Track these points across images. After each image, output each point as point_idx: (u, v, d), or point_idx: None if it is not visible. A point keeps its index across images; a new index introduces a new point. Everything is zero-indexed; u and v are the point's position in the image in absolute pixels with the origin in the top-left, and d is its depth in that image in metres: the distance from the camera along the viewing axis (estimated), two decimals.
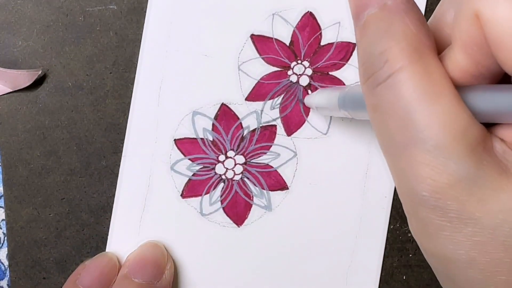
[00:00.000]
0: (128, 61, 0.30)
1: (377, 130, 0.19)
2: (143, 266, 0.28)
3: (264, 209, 0.30)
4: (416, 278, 0.31)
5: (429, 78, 0.17)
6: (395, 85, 0.17)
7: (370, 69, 0.18)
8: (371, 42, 0.18)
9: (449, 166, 0.17)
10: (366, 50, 0.19)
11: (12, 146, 0.30)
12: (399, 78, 0.17)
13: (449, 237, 0.17)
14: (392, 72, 0.17)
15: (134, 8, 0.30)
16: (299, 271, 0.30)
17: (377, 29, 0.18)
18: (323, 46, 0.30)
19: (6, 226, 0.30)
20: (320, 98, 0.28)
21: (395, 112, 0.17)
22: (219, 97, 0.30)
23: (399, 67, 0.17)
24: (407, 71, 0.17)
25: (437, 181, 0.17)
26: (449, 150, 0.16)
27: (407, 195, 0.18)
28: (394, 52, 0.17)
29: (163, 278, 0.28)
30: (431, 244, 0.18)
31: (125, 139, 0.30)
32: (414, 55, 0.17)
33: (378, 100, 0.18)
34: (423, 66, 0.17)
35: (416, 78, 0.17)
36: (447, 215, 0.17)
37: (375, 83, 0.18)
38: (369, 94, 0.19)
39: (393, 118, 0.18)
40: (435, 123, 0.17)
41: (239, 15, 0.30)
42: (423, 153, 0.17)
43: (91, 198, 0.30)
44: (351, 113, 0.24)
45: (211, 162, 0.30)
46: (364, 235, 0.30)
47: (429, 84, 0.17)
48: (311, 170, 0.30)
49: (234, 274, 0.30)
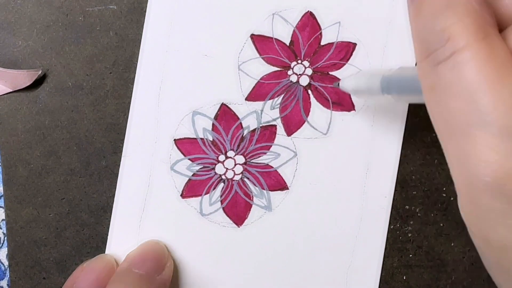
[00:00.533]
0: (128, 61, 0.30)
1: (434, 111, 0.18)
2: (144, 258, 0.28)
3: (264, 209, 0.30)
4: (416, 278, 0.31)
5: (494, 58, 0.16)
6: (459, 64, 0.17)
7: (430, 46, 0.18)
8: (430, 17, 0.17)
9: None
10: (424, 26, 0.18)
11: (12, 146, 0.30)
12: (463, 57, 0.16)
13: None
14: (455, 50, 0.17)
15: (134, 8, 0.30)
16: (299, 271, 0.30)
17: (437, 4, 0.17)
18: (323, 46, 0.30)
19: (6, 226, 0.30)
20: (358, 81, 0.27)
21: (458, 92, 0.17)
22: (219, 97, 0.30)
23: (463, 46, 0.17)
24: (472, 50, 0.16)
25: (503, 166, 0.16)
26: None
27: (466, 179, 0.17)
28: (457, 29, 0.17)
29: (163, 273, 0.28)
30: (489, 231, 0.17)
31: (125, 139, 0.30)
32: (478, 33, 0.17)
33: (438, 79, 0.17)
34: (488, 45, 0.16)
35: (481, 58, 0.16)
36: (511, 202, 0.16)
37: (436, 61, 0.17)
38: (428, 73, 0.18)
39: (455, 98, 0.17)
40: (502, 105, 0.16)
41: (239, 15, 0.30)
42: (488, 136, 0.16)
43: (91, 198, 0.30)
44: (396, 96, 0.23)
45: (211, 162, 0.30)
46: (364, 235, 0.30)
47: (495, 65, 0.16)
48: (311, 170, 0.30)
49: (234, 274, 0.30)
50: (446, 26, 0.17)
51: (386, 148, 0.30)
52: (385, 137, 0.30)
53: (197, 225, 0.30)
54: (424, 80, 0.18)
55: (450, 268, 0.31)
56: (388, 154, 0.30)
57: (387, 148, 0.30)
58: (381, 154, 0.30)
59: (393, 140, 0.30)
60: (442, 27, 0.17)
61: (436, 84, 0.18)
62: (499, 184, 0.16)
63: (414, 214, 0.30)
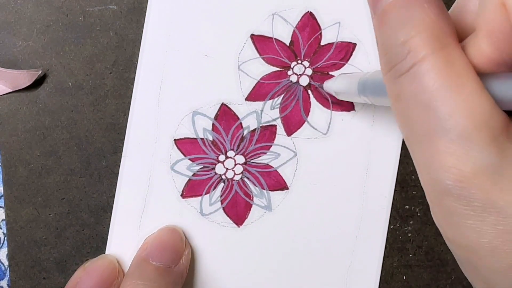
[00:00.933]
0: (128, 61, 0.30)
1: (400, 120, 0.19)
2: (162, 249, 0.28)
3: (264, 209, 0.30)
4: (416, 278, 0.31)
5: (451, 67, 0.17)
6: (418, 75, 0.17)
7: (393, 59, 0.18)
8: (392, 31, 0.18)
9: (472, 155, 0.17)
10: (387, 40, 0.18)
11: (12, 146, 0.30)
12: (422, 68, 0.17)
13: (473, 226, 0.17)
14: (415, 62, 0.17)
15: (134, 8, 0.30)
16: (299, 271, 0.30)
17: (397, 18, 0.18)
18: (323, 46, 0.30)
19: (6, 226, 0.30)
20: (339, 83, 0.28)
21: (418, 102, 0.17)
22: (219, 97, 0.30)
23: (422, 57, 0.17)
24: (430, 60, 0.17)
25: (461, 170, 0.17)
26: (472, 139, 0.16)
27: (431, 185, 0.18)
28: (416, 41, 0.17)
29: (181, 263, 0.28)
30: (455, 233, 0.18)
31: (125, 139, 0.30)
32: (436, 44, 0.17)
33: (401, 90, 0.18)
34: (445, 55, 0.17)
35: (439, 68, 0.17)
36: (471, 204, 0.17)
37: (398, 73, 0.18)
38: (392, 84, 0.19)
39: (416, 108, 0.18)
40: (458, 112, 0.17)
41: (239, 15, 0.30)
42: (446, 142, 0.17)
43: (91, 198, 0.30)
44: (371, 98, 0.24)
45: (211, 162, 0.30)
46: (364, 235, 0.30)
47: (452, 74, 0.17)
48: (311, 170, 0.30)
49: (234, 274, 0.30)
50: (406, 39, 0.18)
51: (386, 148, 0.30)
52: (385, 137, 0.30)
53: (197, 225, 0.30)
54: (389, 91, 0.19)
55: (450, 268, 0.31)
56: (388, 154, 0.30)
57: (387, 148, 0.30)
58: (381, 154, 0.30)
59: (393, 140, 0.30)
60: (402, 40, 0.18)
61: (400, 95, 0.18)
62: (459, 187, 0.17)
63: (414, 214, 0.30)
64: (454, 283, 0.31)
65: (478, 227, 0.17)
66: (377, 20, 0.19)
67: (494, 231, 0.17)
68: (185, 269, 0.29)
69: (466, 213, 0.17)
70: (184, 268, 0.29)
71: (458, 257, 0.19)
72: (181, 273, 0.28)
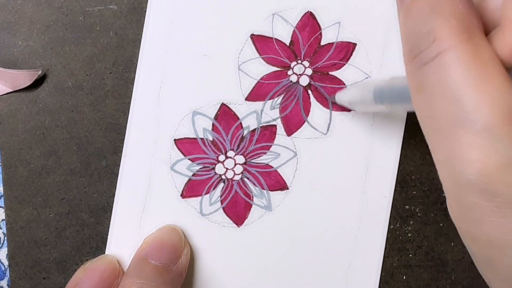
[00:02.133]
0: (128, 61, 0.30)
1: (421, 111, 0.19)
2: (161, 249, 0.28)
3: (264, 209, 0.30)
4: (416, 278, 0.31)
5: (478, 58, 0.17)
6: (444, 64, 0.17)
7: (417, 47, 0.18)
8: (418, 20, 0.18)
9: (498, 148, 0.16)
10: (412, 28, 0.18)
11: (12, 146, 0.30)
12: (448, 58, 0.17)
13: (495, 222, 0.17)
14: (441, 51, 0.17)
15: (134, 8, 0.30)
16: (299, 271, 0.30)
17: (425, 7, 0.18)
18: (323, 46, 0.30)
19: (6, 226, 0.30)
20: (353, 93, 0.28)
21: (443, 92, 0.17)
22: (219, 97, 0.30)
23: (448, 46, 0.17)
24: (456, 50, 0.17)
25: (485, 164, 0.16)
26: (499, 132, 0.16)
27: (452, 179, 0.18)
28: (443, 30, 0.17)
29: (180, 262, 0.28)
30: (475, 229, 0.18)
31: (125, 139, 0.30)
32: (463, 35, 0.17)
33: (424, 79, 0.18)
34: (472, 46, 0.17)
35: (466, 58, 0.17)
36: (494, 200, 0.17)
37: (422, 62, 0.18)
38: (415, 74, 0.18)
39: (440, 98, 0.17)
40: (484, 104, 0.16)
41: (239, 15, 0.30)
42: (471, 135, 0.16)
43: (91, 198, 0.30)
44: (388, 106, 0.24)
45: (211, 162, 0.30)
46: (364, 235, 0.30)
47: (479, 65, 0.17)
48: (311, 170, 0.30)
49: (234, 274, 0.30)
50: (432, 28, 0.17)
51: (386, 148, 0.30)
52: (385, 137, 0.30)
53: (197, 225, 0.30)
54: (411, 81, 0.19)
55: (450, 268, 0.31)
56: (388, 154, 0.30)
57: (387, 148, 0.30)
58: (381, 154, 0.30)
59: (393, 140, 0.30)
60: (428, 29, 0.18)
61: (423, 85, 0.18)
62: (482, 182, 0.17)
63: (414, 214, 0.30)
64: (454, 283, 0.31)
65: (501, 224, 0.17)
66: (404, 10, 0.19)
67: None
68: (184, 268, 0.29)
69: (489, 208, 0.17)
70: (183, 268, 0.29)
71: (474, 254, 0.19)
72: (180, 272, 0.28)
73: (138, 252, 0.29)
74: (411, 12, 0.18)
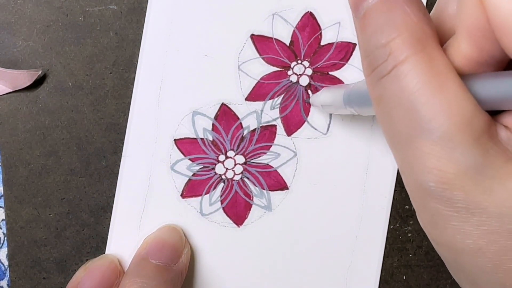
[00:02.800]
0: (128, 61, 0.30)
1: (383, 123, 0.19)
2: (161, 248, 0.28)
3: (264, 209, 0.30)
4: (416, 278, 0.31)
5: (433, 68, 0.17)
6: (399, 76, 0.17)
7: (374, 61, 0.18)
8: (373, 34, 0.18)
9: (455, 156, 0.16)
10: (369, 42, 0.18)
11: (12, 146, 0.30)
12: (403, 69, 0.17)
13: (457, 227, 0.17)
14: (396, 64, 0.17)
15: (134, 8, 0.30)
16: (299, 271, 0.30)
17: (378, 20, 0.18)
18: (323, 46, 0.30)
19: (6, 226, 0.30)
20: (325, 96, 0.28)
21: (400, 103, 0.17)
22: (219, 97, 0.30)
23: (403, 59, 0.17)
24: (411, 62, 0.17)
25: (443, 171, 0.17)
26: (454, 140, 0.16)
27: (415, 187, 0.18)
28: (397, 43, 0.17)
29: (180, 262, 0.28)
30: (440, 235, 0.18)
31: (125, 139, 0.30)
32: (417, 46, 0.17)
33: (383, 92, 0.18)
34: (426, 56, 0.17)
35: (420, 69, 0.17)
36: (454, 206, 0.17)
37: (380, 75, 0.18)
38: (374, 87, 0.19)
39: (398, 109, 0.18)
40: (440, 113, 0.17)
41: (239, 15, 0.30)
42: (429, 144, 0.17)
43: (91, 198, 0.30)
44: (357, 109, 0.24)
45: (211, 162, 0.30)
46: (364, 235, 0.30)
47: (433, 74, 0.17)
48: (311, 170, 0.30)
49: (234, 274, 0.30)
50: (387, 41, 0.18)
51: (386, 148, 0.30)
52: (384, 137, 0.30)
53: (197, 225, 0.30)
54: (371, 94, 0.19)
55: None
56: (388, 154, 0.30)
57: (387, 148, 0.30)
58: (381, 154, 0.30)
59: None
60: (384, 42, 0.18)
61: (382, 97, 0.18)
62: (441, 189, 0.17)
63: (414, 214, 0.30)
64: (454, 283, 0.31)
65: (462, 228, 0.17)
66: (358, 23, 0.19)
67: (478, 232, 0.17)
68: (184, 267, 0.29)
69: (449, 214, 0.17)
70: (183, 267, 0.29)
71: (445, 259, 0.19)
72: (180, 271, 0.28)
73: (139, 252, 0.29)
74: (365, 25, 0.19)
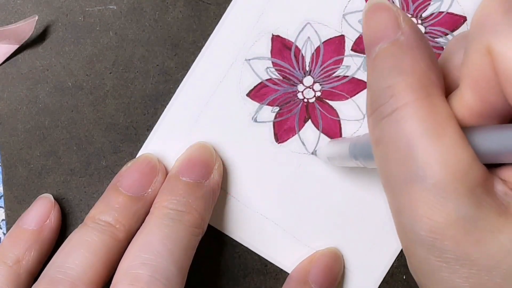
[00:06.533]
0: (128, 61, 0.30)
1: (379, 164, 0.19)
2: (191, 166, 0.28)
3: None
4: None
5: (433, 116, 0.17)
6: (400, 120, 0.17)
7: (377, 102, 0.18)
8: (380, 75, 0.18)
9: (447, 205, 0.16)
10: (375, 83, 0.19)
11: (12, 146, 0.30)
12: (404, 114, 0.17)
13: (446, 278, 0.17)
14: (397, 106, 0.17)
15: (134, 8, 0.30)
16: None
17: (387, 63, 0.18)
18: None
19: (6, 226, 0.30)
20: (331, 148, 0.28)
21: (397, 146, 0.17)
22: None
23: (405, 102, 0.17)
24: (412, 107, 0.17)
25: (434, 221, 0.17)
26: (448, 190, 0.16)
27: (405, 233, 0.18)
28: (401, 87, 0.17)
29: (211, 178, 0.28)
30: (429, 283, 0.18)
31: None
32: (421, 92, 0.17)
33: (382, 133, 0.18)
34: (428, 103, 0.17)
35: (421, 115, 0.17)
36: (443, 256, 0.17)
37: (380, 116, 0.18)
38: (374, 127, 0.19)
39: (395, 153, 0.17)
40: (435, 161, 0.16)
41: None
42: (421, 191, 0.17)
43: (91, 198, 0.30)
44: (363, 162, 0.24)
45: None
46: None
47: (433, 122, 0.17)
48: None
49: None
50: (392, 84, 0.18)
51: None
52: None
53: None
54: (371, 134, 0.19)
55: None
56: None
57: None
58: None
59: None
60: (388, 84, 0.18)
61: (381, 138, 0.18)
62: (431, 238, 0.17)
63: None
64: None
65: (451, 279, 0.17)
66: (369, 64, 0.19)
67: (467, 284, 0.17)
68: (217, 183, 0.28)
69: (439, 264, 0.17)
70: (215, 183, 0.28)
71: None
72: (212, 187, 0.28)
73: (170, 172, 0.28)
74: (375, 66, 0.19)
